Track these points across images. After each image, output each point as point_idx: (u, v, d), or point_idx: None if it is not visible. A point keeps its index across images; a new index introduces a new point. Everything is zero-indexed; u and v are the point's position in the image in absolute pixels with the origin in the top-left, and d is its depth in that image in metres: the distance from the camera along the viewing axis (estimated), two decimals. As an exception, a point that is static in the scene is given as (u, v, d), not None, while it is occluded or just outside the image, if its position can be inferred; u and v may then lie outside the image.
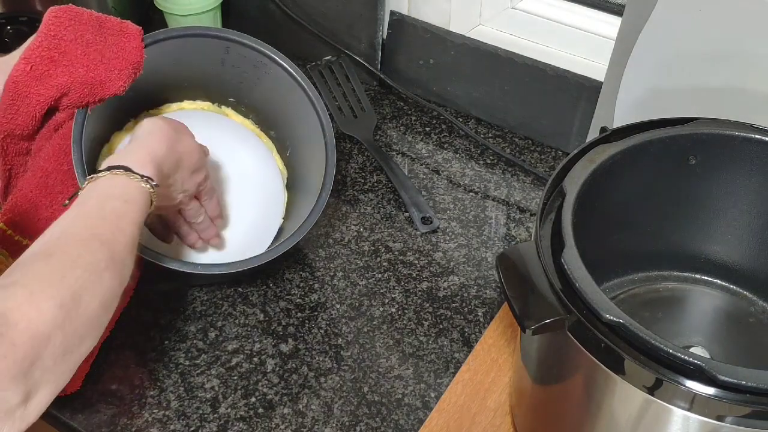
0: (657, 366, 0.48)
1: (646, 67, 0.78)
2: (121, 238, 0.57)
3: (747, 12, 0.70)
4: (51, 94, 0.70)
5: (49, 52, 0.70)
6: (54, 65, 0.70)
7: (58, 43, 0.70)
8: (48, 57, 0.69)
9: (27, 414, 0.47)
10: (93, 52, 0.71)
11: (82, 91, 0.71)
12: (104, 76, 0.72)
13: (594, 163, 0.60)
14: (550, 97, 0.93)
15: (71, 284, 0.51)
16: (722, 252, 0.69)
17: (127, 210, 0.59)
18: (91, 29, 0.72)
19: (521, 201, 0.89)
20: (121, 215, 0.59)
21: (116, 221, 0.58)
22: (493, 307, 0.78)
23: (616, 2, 0.99)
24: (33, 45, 0.70)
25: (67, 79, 0.70)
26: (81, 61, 0.71)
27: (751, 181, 0.64)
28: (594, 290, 0.50)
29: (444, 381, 0.72)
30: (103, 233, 0.56)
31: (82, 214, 0.58)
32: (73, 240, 0.55)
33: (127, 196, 0.60)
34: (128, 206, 0.60)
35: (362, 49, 1.04)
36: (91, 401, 0.71)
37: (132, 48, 0.74)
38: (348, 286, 0.80)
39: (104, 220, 0.57)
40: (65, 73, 0.70)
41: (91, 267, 0.53)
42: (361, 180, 0.92)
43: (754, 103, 0.74)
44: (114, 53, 0.73)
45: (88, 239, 0.55)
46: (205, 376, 0.73)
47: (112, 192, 0.60)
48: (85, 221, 0.57)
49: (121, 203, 0.59)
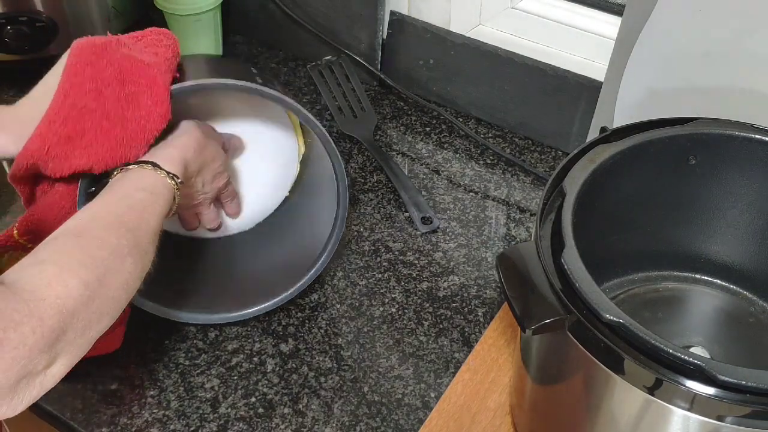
0: (657, 366, 0.48)
1: (646, 67, 0.78)
2: (144, 226, 0.59)
3: (747, 12, 0.70)
4: (67, 172, 0.65)
5: (65, 128, 0.62)
6: (71, 146, 0.63)
7: (76, 116, 0.62)
8: (65, 135, 0.63)
9: (46, 381, 0.50)
10: (114, 126, 0.64)
11: (99, 168, 0.65)
12: (123, 153, 0.65)
13: (594, 163, 0.60)
14: (550, 97, 0.93)
15: (97, 265, 0.54)
16: (722, 252, 0.69)
17: (152, 202, 0.62)
18: (113, 88, 0.63)
19: (521, 201, 0.89)
20: (147, 206, 0.61)
21: (142, 211, 0.60)
22: (493, 307, 0.78)
23: (616, 2, 0.99)
24: (49, 117, 0.62)
25: (85, 161, 0.64)
26: (100, 141, 0.63)
27: (751, 181, 0.64)
28: (594, 290, 0.51)
29: (444, 381, 0.72)
30: (129, 221, 0.58)
31: (112, 201, 0.61)
32: (101, 224, 0.57)
33: (154, 189, 0.63)
34: (154, 198, 0.62)
35: (362, 49, 1.04)
36: (91, 401, 0.71)
37: (157, 115, 0.65)
38: (348, 286, 0.80)
39: (131, 209, 0.60)
40: (83, 155, 0.64)
41: (116, 251, 0.56)
42: (361, 180, 0.92)
43: (754, 103, 0.74)
44: (137, 124, 0.64)
45: (115, 224, 0.57)
46: (205, 376, 0.73)
47: (140, 184, 0.62)
48: (114, 208, 0.60)
49: (148, 195, 0.62)
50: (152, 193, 0.62)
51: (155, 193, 0.62)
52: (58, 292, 0.50)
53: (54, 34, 1.00)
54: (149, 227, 0.60)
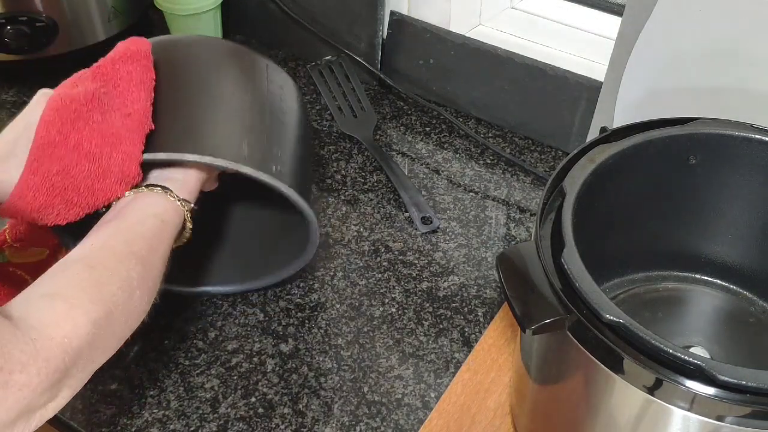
0: (657, 366, 0.48)
1: (646, 67, 0.78)
2: (153, 256, 0.59)
3: (747, 12, 0.70)
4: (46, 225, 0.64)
5: (36, 201, 0.60)
6: (44, 213, 0.61)
7: (46, 191, 0.60)
8: (36, 207, 0.60)
9: (46, 413, 0.50)
10: (83, 198, 0.62)
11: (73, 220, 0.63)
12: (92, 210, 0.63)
13: (594, 163, 0.60)
14: (550, 97, 0.93)
15: (107, 300, 0.53)
16: (722, 252, 0.69)
17: (162, 229, 0.61)
18: (82, 167, 0.61)
19: (521, 201, 0.89)
20: (156, 234, 0.61)
21: (151, 239, 0.60)
22: (493, 307, 0.78)
23: (616, 2, 1.00)
24: (20, 190, 0.60)
25: (60, 221, 0.62)
26: (70, 211, 0.62)
27: (751, 181, 0.64)
28: (594, 290, 0.50)
29: (444, 381, 0.72)
30: (140, 250, 0.58)
31: (123, 229, 0.60)
32: (113, 254, 0.57)
33: (165, 216, 0.62)
34: (164, 226, 0.62)
35: (362, 49, 1.04)
36: (91, 401, 0.71)
37: (124, 184, 0.62)
38: (348, 286, 0.80)
39: (142, 238, 0.59)
40: (56, 219, 0.62)
41: (125, 284, 0.55)
42: (361, 180, 0.92)
43: (754, 103, 0.74)
44: (104, 195, 0.62)
45: (126, 255, 0.57)
46: (205, 375, 0.73)
47: (151, 210, 0.62)
48: (125, 236, 0.59)
49: (159, 222, 0.61)
50: (163, 221, 0.62)
51: (166, 220, 0.62)
52: (66, 331, 0.50)
53: (54, 34, 1.00)
54: (158, 256, 0.60)
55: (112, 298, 0.54)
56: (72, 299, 0.52)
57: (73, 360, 0.50)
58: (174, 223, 0.63)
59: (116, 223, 0.60)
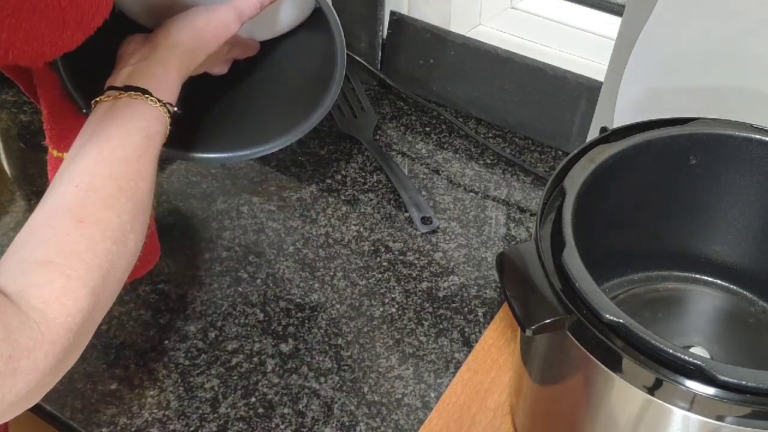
0: (657, 366, 0.48)
1: (646, 67, 0.78)
2: (142, 184, 0.55)
3: (747, 12, 0.70)
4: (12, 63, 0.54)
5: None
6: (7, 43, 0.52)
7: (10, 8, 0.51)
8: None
9: (53, 382, 0.49)
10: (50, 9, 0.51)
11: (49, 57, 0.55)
12: (68, 38, 0.54)
13: (594, 163, 0.60)
14: (550, 97, 0.93)
15: (102, 263, 0.51)
16: (722, 252, 0.69)
17: (147, 146, 0.57)
18: None
19: (521, 201, 0.89)
20: (142, 153, 0.56)
21: (137, 162, 0.55)
22: (493, 307, 0.78)
23: (616, 2, 1.00)
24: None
25: (30, 55, 0.53)
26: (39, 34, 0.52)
27: (751, 181, 0.64)
28: (594, 290, 0.50)
29: (444, 381, 0.72)
30: (127, 182, 0.54)
31: (106, 156, 0.55)
32: (101, 197, 0.53)
33: (149, 130, 0.57)
34: (148, 142, 0.57)
35: (362, 49, 1.03)
36: (91, 401, 0.71)
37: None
38: (348, 286, 0.80)
39: (127, 163, 0.55)
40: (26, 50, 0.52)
41: (118, 233, 0.52)
42: (361, 180, 0.92)
43: (754, 103, 0.74)
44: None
45: (115, 195, 0.53)
46: (205, 376, 0.73)
47: (133, 124, 0.57)
48: (109, 166, 0.54)
49: (142, 138, 0.56)
50: (147, 136, 0.57)
51: (150, 134, 0.57)
52: (68, 308, 0.48)
53: (54, 34, 0.99)
54: (146, 183, 0.56)
55: (107, 256, 0.51)
56: (68, 269, 0.49)
57: (78, 335, 0.49)
58: (159, 134, 0.58)
59: (97, 148, 0.55)
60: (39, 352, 0.46)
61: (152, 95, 0.59)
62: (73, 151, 0.56)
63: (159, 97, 0.59)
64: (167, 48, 0.62)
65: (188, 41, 0.63)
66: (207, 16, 0.64)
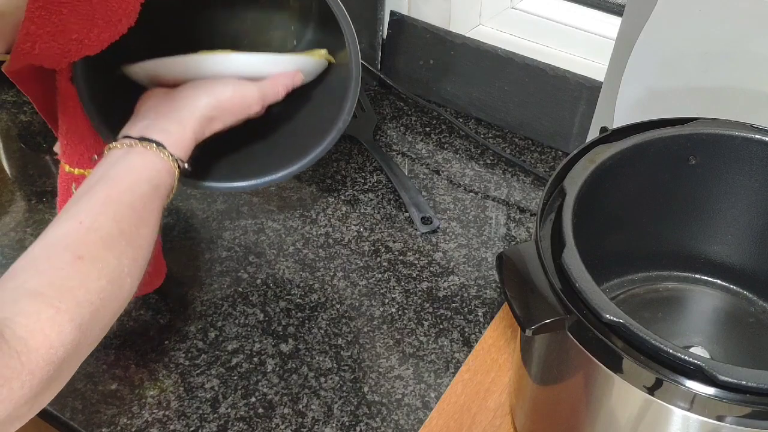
0: (657, 366, 0.48)
1: (646, 67, 0.78)
2: (144, 231, 0.56)
3: (747, 12, 0.70)
4: (64, 64, 0.60)
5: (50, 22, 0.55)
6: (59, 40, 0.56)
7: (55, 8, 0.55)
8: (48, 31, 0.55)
9: (30, 413, 0.49)
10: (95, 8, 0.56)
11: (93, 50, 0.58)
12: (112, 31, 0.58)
13: (594, 163, 0.60)
14: (550, 97, 0.93)
15: (94, 300, 0.51)
16: (722, 252, 0.69)
17: (154, 196, 0.58)
18: None
19: (521, 201, 0.89)
20: (148, 202, 0.57)
21: (142, 210, 0.56)
22: (493, 307, 0.78)
23: (616, 2, 1.00)
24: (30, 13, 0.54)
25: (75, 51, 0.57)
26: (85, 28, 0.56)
27: (751, 181, 0.64)
28: (594, 290, 0.50)
29: (444, 381, 0.72)
30: (130, 227, 0.55)
31: (114, 199, 0.56)
32: (101, 237, 0.53)
33: (158, 180, 0.58)
34: (155, 192, 0.58)
35: (362, 49, 1.03)
36: (91, 401, 0.71)
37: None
38: (348, 286, 0.80)
39: (132, 210, 0.56)
40: (72, 46, 0.57)
41: (114, 274, 0.53)
42: (361, 180, 0.92)
43: (754, 103, 0.74)
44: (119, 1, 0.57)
45: (116, 237, 0.54)
46: (205, 376, 0.73)
47: (143, 174, 0.58)
48: (114, 209, 0.55)
49: (150, 188, 0.58)
50: (155, 186, 0.58)
51: (158, 185, 0.58)
52: (51, 340, 0.48)
53: (54, 34, 0.99)
54: (149, 230, 0.57)
55: (100, 294, 0.51)
56: (58, 302, 0.49)
57: (59, 369, 0.49)
58: (166, 186, 0.59)
59: (106, 190, 0.56)
60: (16, 382, 0.46)
61: (166, 149, 0.60)
62: (82, 189, 0.57)
63: (172, 152, 0.60)
64: (187, 110, 0.63)
65: (209, 110, 0.64)
66: (232, 92, 0.66)
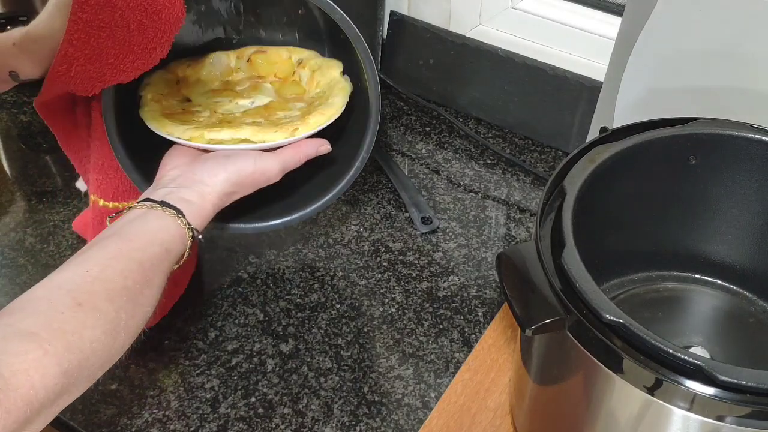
0: (657, 366, 0.48)
1: (646, 67, 0.78)
2: (147, 291, 0.57)
3: (747, 12, 0.70)
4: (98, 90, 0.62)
5: (87, 45, 0.59)
6: (95, 63, 0.60)
7: (95, 32, 0.59)
8: (86, 54, 0.59)
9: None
10: (132, 35, 0.60)
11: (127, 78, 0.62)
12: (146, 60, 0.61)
13: (594, 163, 0.60)
14: (550, 97, 0.93)
15: (84, 348, 0.51)
16: (722, 252, 0.69)
17: (163, 259, 0.59)
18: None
19: (521, 201, 0.89)
20: (157, 263, 0.58)
21: (150, 270, 0.57)
22: (493, 307, 0.78)
23: (616, 2, 1.00)
24: (69, 36, 0.58)
25: (110, 76, 0.61)
26: (121, 53, 0.60)
27: (751, 181, 0.64)
28: (594, 290, 0.50)
29: (444, 381, 0.72)
30: (135, 284, 0.56)
31: (124, 254, 0.57)
32: (105, 289, 0.54)
33: (170, 244, 0.60)
34: (166, 255, 0.59)
35: (362, 49, 1.03)
36: (91, 401, 0.71)
37: (173, 16, 0.60)
38: (348, 286, 0.80)
39: (141, 268, 0.57)
40: (107, 70, 0.60)
41: (111, 327, 0.53)
42: (361, 180, 0.92)
43: (754, 103, 0.74)
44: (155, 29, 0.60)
45: (119, 291, 0.54)
46: (205, 376, 0.73)
47: (158, 236, 0.59)
48: (123, 265, 0.56)
49: (162, 251, 0.59)
50: (167, 250, 0.59)
51: (170, 249, 0.60)
52: (34, 381, 0.47)
53: (54, 34, 1.00)
54: (152, 291, 0.57)
55: (92, 343, 0.51)
56: (48, 344, 0.49)
57: (37, 411, 0.48)
58: (177, 252, 0.61)
59: (119, 244, 0.57)
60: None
61: (184, 218, 0.61)
62: (95, 240, 0.59)
63: (190, 222, 0.62)
64: (210, 186, 0.65)
65: (229, 186, 0.66)
66: (253, 168, 0.67)
